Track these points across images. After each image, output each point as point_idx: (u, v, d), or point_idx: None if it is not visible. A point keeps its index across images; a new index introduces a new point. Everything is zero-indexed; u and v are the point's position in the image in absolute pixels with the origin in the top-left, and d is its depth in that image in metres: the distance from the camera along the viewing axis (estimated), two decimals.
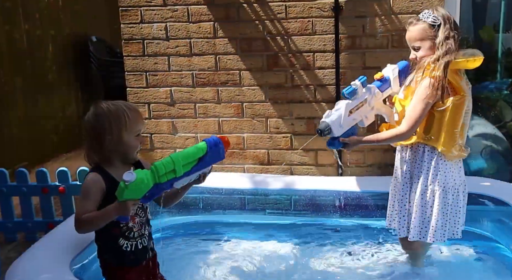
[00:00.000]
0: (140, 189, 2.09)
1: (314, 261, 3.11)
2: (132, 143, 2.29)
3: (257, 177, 3.84)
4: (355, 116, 2.81)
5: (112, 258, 2.37)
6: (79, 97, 7.00)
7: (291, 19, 3.78)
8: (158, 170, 2.11)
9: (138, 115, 2.34)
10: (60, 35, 6.63)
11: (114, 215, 2.14)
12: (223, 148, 2.27)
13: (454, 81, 2.64)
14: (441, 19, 2.65)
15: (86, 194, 2.23)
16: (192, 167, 2.21)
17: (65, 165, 4.81)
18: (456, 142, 2.70)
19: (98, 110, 2.30)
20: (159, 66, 4.02)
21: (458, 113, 2.65)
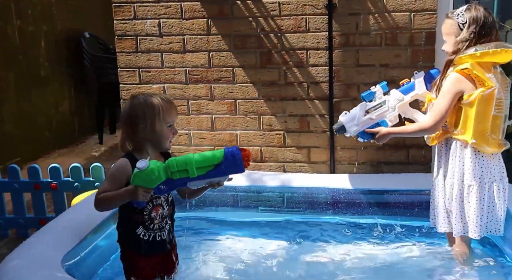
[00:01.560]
0: (151, 179, 2.19)
1: (306, 258, 3.11)
2: (164, 132, 2.44)
3: (249, 174, 3.84)
4: (372, 116, 2.98)
5: (129, 245, 2.50)
6: (72, 93, 6.97)
7: (285, 17, 3.78)
8: (169, 166, 2.22)
9: (172, 107, 2.48)
10: (53, 31, 6.60)
11: (125, 197, 2.28)
12: (241, 160, 2.26)
13: (479, 73, 2.64)
14: (469, 20, 2.70)
15: (110, 176, 2.41)
16: (207, 172, 2.26)
17: (57, 161, 4.80)
18: (487, 135, 2.69)
19: (135, 101, 2.45)
20: (152, 62, 4.01)
21: (487, 105, 2.65)
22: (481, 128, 2.68)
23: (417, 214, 3.47)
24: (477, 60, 2.66)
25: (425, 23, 3.63)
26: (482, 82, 2.66)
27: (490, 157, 2.76)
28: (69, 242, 2.78)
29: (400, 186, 3.55)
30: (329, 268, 2.99)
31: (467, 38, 2.69)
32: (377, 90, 3.00)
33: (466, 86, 2.67)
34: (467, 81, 2.67)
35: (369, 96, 3.01)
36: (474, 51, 2.64)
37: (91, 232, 2.95)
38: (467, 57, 2.67)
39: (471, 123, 2.68)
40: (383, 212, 3.52)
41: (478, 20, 2.68)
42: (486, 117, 2.68)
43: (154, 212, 2.46)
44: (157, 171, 2.20)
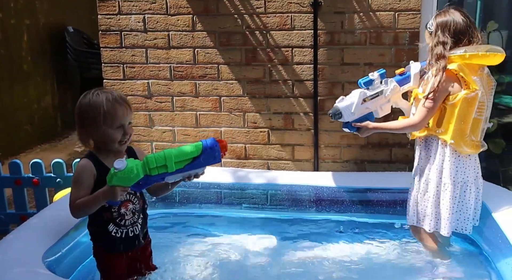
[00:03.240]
0: (129, 178, 2.17)
1: (289, 255, 3.13)
2: (111, 135, 2.35)
3: (233, 171, 3.84)
4: (369, 105, 2.96)
5: (101, 243, 2.47)
6: (55, 88, 6.91)
7: (270, 14, 3.78)
8: (149, 163, 2.19)
9: (117, 109, 2.35)
10: (36, 25, 6.52)
11: (102, 199, 2.24)
12: (219, 151, 2.29)
13: (465, 75, 2.69)
14: (434, 27, 2.80)
15: (77, 180, 2.32)
16: (185, 165, 2.26)
17: (39, 156, 4.76)
18: (466, 136, 2.75)
19: (81, 101, 2.37)
20: (137, 58, 3.99)
21: (469, 107, 2.71)
22: (460, 130, 2.75)
23: (400, 213, 3.50)
24: (466, 61, 2.70)
25: (409, 22, 3.66)
26: (467, 84, 2.70)
27: (467, 158, 2.83)
28: (50, 238, 2.76)
29: (383, 185, 3.57)
30: (310, 265, 3.00)
31: (438, 42, 2.76)
32: (375, 78, 2.97)
33: (453, 86, 2.73)
34: (454, 81, 2.73)
35: (368, 83, 2.97)
36: (464, 52, 2.69)
37: (73, 228, 2.93)
38: (456, 58, 2.72)
39: (452, 123, 2.75)
40: (366, 210, 3.54)
41: (444, 23, 2.77)
42: (467, 119, 2.75)
43: (124, 208, 2.42)
44: (135, 169, 2.17)
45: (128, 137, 2.42)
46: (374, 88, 2.98)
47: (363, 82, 2.97)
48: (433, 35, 2.81)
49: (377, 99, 2.98)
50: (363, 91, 2.96)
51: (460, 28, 2.75)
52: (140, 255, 2.58)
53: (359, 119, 2.98)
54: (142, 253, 2.60)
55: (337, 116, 2.98)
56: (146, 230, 2.61)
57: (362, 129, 2.99)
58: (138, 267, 2.59)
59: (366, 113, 2.99)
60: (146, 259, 2.64)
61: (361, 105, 2.95)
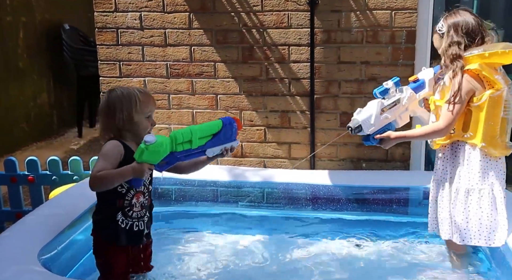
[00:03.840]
0: (158, 153, 2.24)
1: (285, 253, 3.12)
2: (142, 123, 2.48)
3: (230, 169, 3.84)
4: (388, 115, 2.83)
5: (105, 233, 2.49)
6: (51, 85, 6.88)
7: (267, 12, 3.78)
8: (176, 138, 2.28)
9: (149, 98, 2.53)
10: (32, 22, 6.50)
11: (130, 175, 2.30)
12: (236, 129, 2.45)
13: (489, 75, 2.60)
14: (446, 27, 2.71)
15: (105, 155, 2.38)
16: (206, 142, 2.39)
17: (35, 154, 4.74)
18: (497, 138, 2.64)
19: (112, 93, 2.49)
20: (133, 56, 3.98)
21: (496, 107, 2.61)
22: (490, 131, 2.63)
23: (395, 211, 3.51)
24: (485, 61, 2.61)
25: (406, 21, 3.66)
26: (490, 84, 2.61)
27: (498, 161, 2.70)
28: (46, 235, 2.75)
29: (379, 183, 3.57)
30: (307, 264, 3.00)
31: (452, 42, 2.66)
32: (390, 87, 2.84)
33: (476, 86, 2.62)
34: (476, 81, 2.62)
35: (384, 93, 2.84)
36: (483, 51, 2.60)
37: (69, 226, 2.92)
38: (475, 57, 2.62)
39: (481, 126, 2.62)
40: (362, 208, 3.55)
41: (456, 23, 2.68)
42: (496, 119, 2.63)
43: (135, 198, 2.47)
44: (165, 144, 2.25)
45: (152, 128, 2.54)
46: (390, 97, 2.84)
47: (379, 91, 2.83)
48: (445, 36, 2.70)
49: (395, 108, 2.84)
50: (380, 101, 2.82)
51: (473, 27, 2.66)
52: (141, 254, 2.62)
53: (379, 130, 2.84)
54: (143, 253, 2.63)
55: (357, 130, 2.83)
56: (150, 231, 2.64)
57: (385, 140, 2.84)
58: (138, 266, 2.62)
59: (386, 124, 2.86)
60: (146, 259, 2.67)
61: (380, 115, 2.80)
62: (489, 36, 2.68)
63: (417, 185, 3.50)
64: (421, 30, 3.68)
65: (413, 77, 2.96)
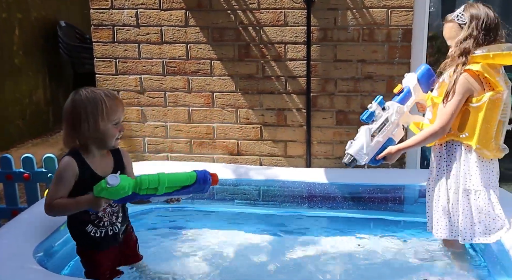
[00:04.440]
0: (118, 194, 2.21)
1: (282, 251, 3.12)
2: (109, 131, 2.34)
3: (226, 167, 3.84)
4: (379, 139, 2.79)
5: (82, 242, 2.47)
6: (47, 82, 6.86)
7: (263, 10, 3.78)
8: (142, 184, 2.22)
9: (116, 104, 2.36)
10: (28, 19, 6.48)
11: (85, 207, 2.26)
12: (209, 185, 2.35)
13: (490, 76, 2.55)
14: (468, 18, 2.60)
15: (59, 178, 2.29)
16: (174, 191, 2.31)
17: (31, 151, 4.73)
18: (492, 140, 2.62)
19: (76, 97, 2.32)
20: (129, 53, 3.97)
21: (494, 109, 2.57)
22: (486, 133, 2.61)
23: (392, 209, 3.52)
24: (489, 62, 2.56)
25: (402, 19, 3.67)
26: (491, 85, 2.57)
27: (490, 162, 2.69)
28: (42, 233, 2.75)
29: (375, 181, 3.58)
30: (303, 261, 3.00)
31: (471, 35, 2.58)
32: (375, 108, 2.80)
33: (475, 87, 2.58)
34: (476, 82, 2.58)
35: (370, 117, 2.80)
36: (487, 52, 2.55)
37: (64, 223, 2.91)
38: (479, 58, 2.57)
39: (478, 127, 2.60)
40: (358, 206, 3.56)
41: (479, 16, 2.59)
42: (492, 122, 2.60)
43: (102, 211, 2.41)
44: (127, 188, 2.20)
45: (121, 134, 2.42)
46: (378, 118, 2.79)
47: (365, 118, 2.80)
48: (466, 27, 2.60)
49: (385, 128, 2.80)
50: (368, 128, 2.79)
51: (493, 24, 2.59)
52: (124, 247, 2.60)
53: (377, 152, 2.81)
54: (127, 244, 2.61)
55: (353, 163, 2.81)
56: (127, 225, 2.61)
57: (388, 158, 2.80)
58: (123, 258, 2.61)
59: (381, 146, 2.82)
60: (131, 247, 2.65)
61: (372, 142, 2.77)
62: (502, 36, 2.63)
63: (413, 183, 3.50)
64: (417, 29, 3.69)
65: (397, 87, 2.88)
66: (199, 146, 4.05)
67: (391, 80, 3.73)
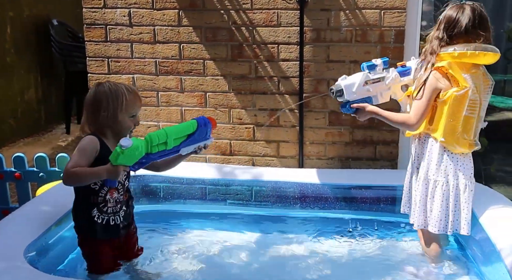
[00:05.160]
0: (134, 156, 2.28)
1: (273, 251, 3.14)
2: (126, 123, 2.51)
3: (218, 167, 3.84)
4: (370, 88, 2.91)
5: (84, 227, 2.56)
6: (39, 81, 6.82)
7: (257, 10, 3.78)
8: (152, 140, 2.30)
9: (136, 99, 2.55)
10: (20, 17, 6.44)
11: (104, 176, 2.34)
12: (210, 128, 2.48)
13: (455, 73, 2.65)
14: (441, 18, 2.75)
15: (82, 151, 2.41)
16: (181, 142, 2.42)
17: (22, 150, 4.71)
18: (457, 134, 2.71)
19: (100, 88, 2.50)
20: (122, 52, 3.96)
21: (459, 105, 2.67)
22: (451, 127, 2.71)
23: (384, 209, 3.53)
24: (455, 60, 2.67)
25: (394, 21, 3.68)
26: (457, 82, 2.66)
27: (461, 156, 2.78)
28: (33, 233, 2.74)
29: (367, 182, 3.59)
30: (294, 262, 3.01)
31: (437, 37, 2.73)
32: (378, 64, 2.94)
33: (444, 83, 2.69)
34: (444, 79, 2.69)
35: (371, 67, 2.92)
36: (453, 51, 2.66)
37: (55, 223, 2.91)
38: (446, 55, 2.69)
39: (443, 121, 2.72)
40: (350, 207, 3.56)
41: (450, 19, 2.70)
42: (458, 117, 2.69)
43: (109, 195, 2.51)
44: (140, 147, 2.27)
45: (135, 127, 2.59)
46: (376, 73, 2.94)
47: (367, 65, 2.92)
48: (436, 26, 2.77)
49: (378, 84, 2.93)
50: (365, 74, 2.92)
51: (464, 26, 2.67)
52: (124, 243, 2.69)
53: (358, 101, 2.91)
54: (127, 241, 2.71)
55: (338, 94, 2.89)
56: (130, 223, 2.70)
57: (360, 111, 2.90)
58: (124, 254, 2.70)
59: (366, 97, 2.93)
60: (131, 247, 2.75)
61: (363, 86, 2.89)
62: (482, 37, 2.67)
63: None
64: (410, 30, 3.70)
65: (401, 62, 3.05)
66: None
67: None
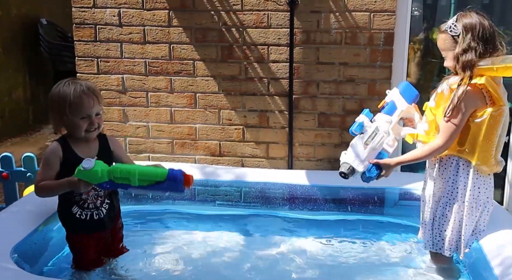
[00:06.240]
0: (94, 178, 2.34)
1: (261, 252, 3.13)
2: (76, 124, 2.50)
3: (207, 168, 3.84)
4: (373, 145, 2.73)
5: (68, 224, 2.62)
6: (27, 81, 6.78)
7: (247, 11, 3.78)
8: (114, 172, 2.35)
9: (83, 101, 2.49)
10: (8, 16, 6.39)
11: (66, 187, 2.43)
12: (182, 185, 2.37)
13: (493, 91, 2.45)
14: (461, 29, 2.49)
15: (45, 162, 2.50)
16: (148, 185, 2.37)
17: (10, 150, 4.67)
18: (492, 156, 2.55)
19: (53, 91, 2.54)
20: (111, 52, 3.94)
21: (495, 125, 2.50)
22: (487, 149, 2.53)
23: (372, 211, 3.54)
24: (493, 74, 2.45)
25: (384, 23, 3.70)
26: (493, 100, 2.48)
27: (487, 177, 2.63)
28: (19, 233, 2.72)
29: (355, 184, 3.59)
30: (282, 263, 3.01)
31: (469, 47, 2.47)
32: (363, 120, 2.76)
33: (478, 103, 2.49)
34: (480, 97, 2.49)
35: (359, 128, 2.75)
36: (491, 65, 2.43)
37: (43, 223, 2.89)
38: (482, 70, 2.45)
39: (478, 143, 2.52)
40: (339, 208, 3.58)
41: (473, 27, 2.48)
42: (493, 137, 2.52)
43: (85, 193, 2.54)
44: (100, 173, 2.33)
45: (96, 127, 2.55)
46: (367, 129, 2.75)
47: (354, 129, 2.75)
48: (461, 39, 2.48)
49: (377, 137, 2.74)
50: (359, 136, 2.75)
51: (489, 33, 2.47)
52: (109, 238, 2.72)
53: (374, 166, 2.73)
54: (112, 236, 2.74)
55: (351, 173, 2.71)
56: (115, 216, 2.73)
57: (385, 168, 2.70)
58: (109, 250, 2.73)
59: (377, 155, 2.76)
60: (116, 242, 2.78)
61: (365, 149, 2.70)
62: (501, 45, 2.52)
63: (395, 186, 3.53)
64: (399, 33, 3.72)
65: (380, 103, 2.88)
66: (181, 146, 4.04)
67: (372, 83, 3.76)
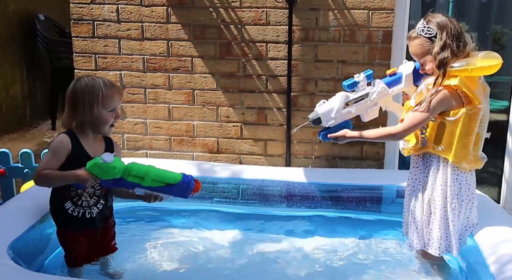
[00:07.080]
0: (108, 173, 2.32)
1: (257, 249, 3.13)
2: (103, 117, 2.49)
3: (205, 165, 3.83)
4: (352, 109, 2.72)
5: (59, 219, 2.58)
6: (24, 76, 6.76)
7: (245, 8, 3.77)
8: (131, 169, 2.35)
9: (114, 92, 2.51)
10: (5, 12, 6.37)
11: (73, 181, 2.40)
12: (191, 190, 2.45)
13: (468, 91, 2.46)
14: (436, 28, 2.51)
15: (53, 151, 2.44)
16: (158, 186, 2.41)
17: (7, 146, 4.66)
18: (469, 153, 2.56)
19: (77, 83, 2.50)
20: (109, 48, 3.94)
21: (471, 123, 2.51)
22: (463, 146, 2.55)
23: (369, 209, 3.55)
24: (467, 75, 2.47)
25: (382, 21, 3.70)
26: (469, 100, 2.49)
27: (468, 173, 2.64)
28: (17, 229, 2.71)
29: (353, 181, 3.60)
30: (279, 260, 3.01)
31: (445, 45, 2.49)
32: (361, 79, 2.72)
33: (452, 103, 2.50)
34: (454, 98, 2.50)
35: (352, 85, 2.72)
36: (466, 66, 2.45)
37: (40, 220, 2.88)
38: (457, 71, 2.47)
39: (454, 141, 2.54)
40: (336, 206, 3.58)
41: (446, 25, 2.50)
42: (470, 135, 2.54)
43: (81, 190, 2.52)
44: (118, 169, 2.32)
45: (117, 121, 2.57)
46: (359, 90, 2.73)
47: (347, 84, 2.72)
48: (438, 38, 2.50)
49: (362, 102, 2.73)
50: (345, 95, 2.73)
51: (459, 29, 2.50)
52: (100, 235, 2.69)
53: (338, 125, 2.77)
54: (104, 234, 2.71)
55: (316, 122, 2.78)
56: (107, 216, 2.70)
57: (340, 139, 2.79)
58: (98, 246, 2.70)
59: (345, 120, 2.77)
60: (108, 240, 2.76)
61: (343, 109, 2.71)
62: (469, 42, 2.54)
63: (391, 184, 3.53)
64: (398, 31, 3.73)
65: (391, 70, 2.83)
66: (178, 143, 4.03)
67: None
